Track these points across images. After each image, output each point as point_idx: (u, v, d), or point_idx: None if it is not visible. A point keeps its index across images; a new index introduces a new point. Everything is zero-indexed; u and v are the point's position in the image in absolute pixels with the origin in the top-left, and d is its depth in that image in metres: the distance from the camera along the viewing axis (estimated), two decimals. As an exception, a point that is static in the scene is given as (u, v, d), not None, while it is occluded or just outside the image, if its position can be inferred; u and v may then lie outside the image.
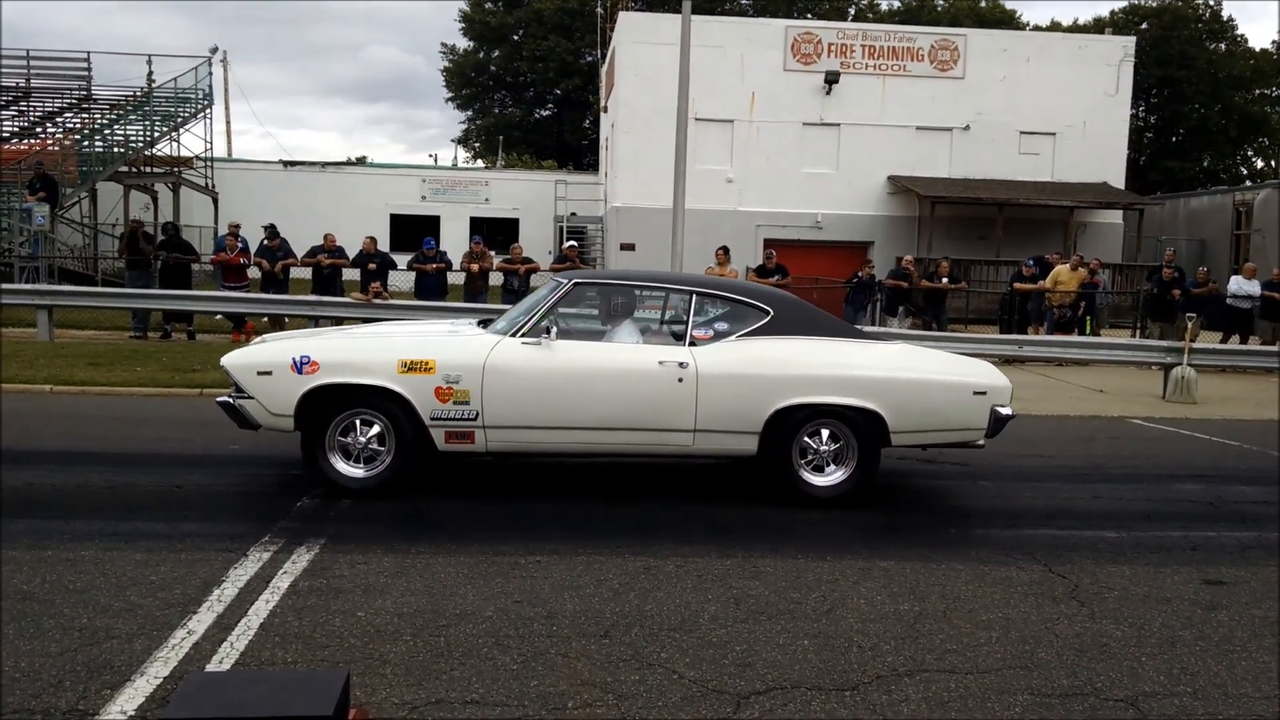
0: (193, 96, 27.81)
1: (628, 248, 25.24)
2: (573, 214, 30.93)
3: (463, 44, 49.24)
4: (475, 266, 16.07)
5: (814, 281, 19.85)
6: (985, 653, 4.16)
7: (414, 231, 27.83)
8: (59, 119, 26.92)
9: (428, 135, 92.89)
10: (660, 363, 6.21)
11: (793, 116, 25.67)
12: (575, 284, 6.64)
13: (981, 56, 25.96)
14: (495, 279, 16.68)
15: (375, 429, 6.19)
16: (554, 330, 6.26)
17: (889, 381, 6.33)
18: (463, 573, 4.88)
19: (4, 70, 28.26)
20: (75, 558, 4.84)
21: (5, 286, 15.59)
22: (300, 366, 6.12)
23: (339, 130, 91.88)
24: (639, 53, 25.20)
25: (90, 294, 15.78)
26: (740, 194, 25.73)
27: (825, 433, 6.37)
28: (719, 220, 24.35)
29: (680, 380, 6.17)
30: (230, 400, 6.36)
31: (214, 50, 32.02)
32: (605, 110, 31.58)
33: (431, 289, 15.94)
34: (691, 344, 6.37)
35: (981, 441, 6.59)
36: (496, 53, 48.41)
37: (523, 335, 6.27)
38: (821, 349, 6.49)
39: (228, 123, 48.44)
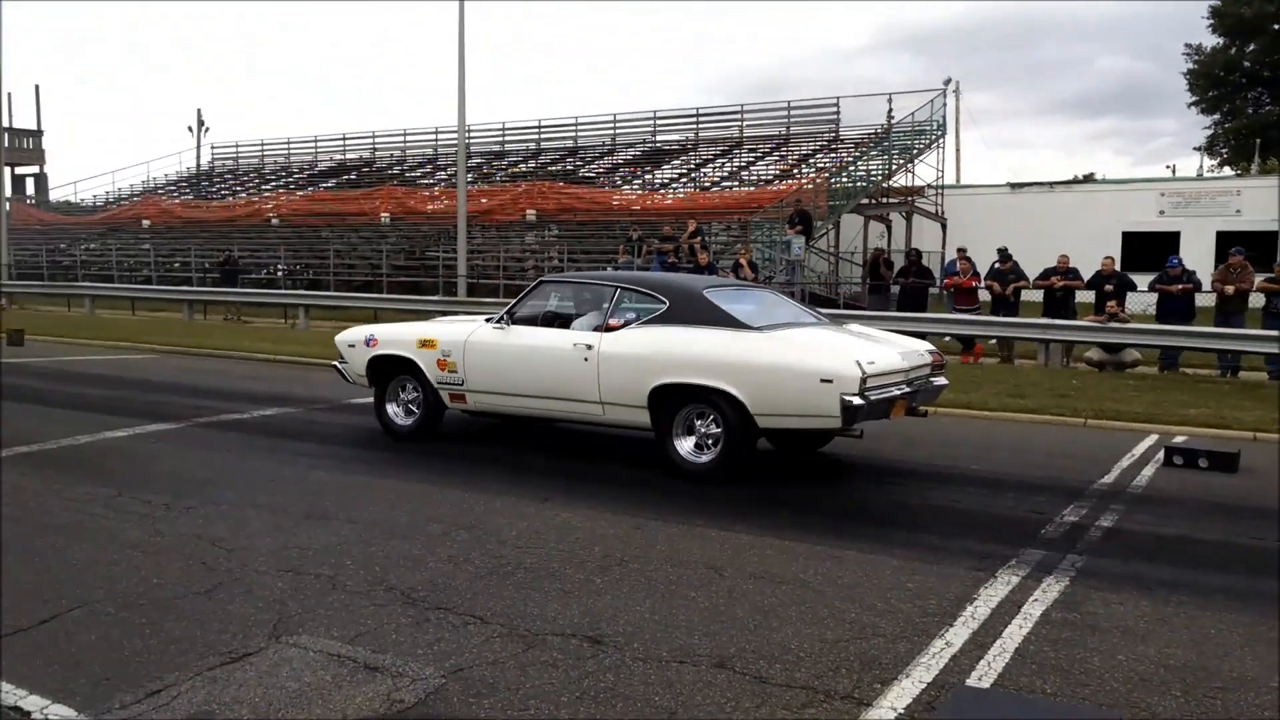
0: (927, 129, 29.24)
1: None
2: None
3: (1209, 42, 44.36)
4: (1230, 288, 14.28)
5: None
6: None
7: (1148, 249, 25.81)
8: (812, 160, 30.26)
9: (1159, 146, 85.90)
10: (574, 345, 7.42)
11: None
12: (541, 283, 8.40)
13: None
14: (1255, 300, 14.62)
15: (412, 387, 8.42)
16: (511, 318, 7.90)
17: (741, 365, 6.77)
18: (1238, 634, 4.32)
19: (713, 119, 32.81)
20: (842, 555, 5.33)
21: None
22: (368, 342, 8.56)
23: (1060, 149, 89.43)
24: None
25: (838, 316, 17.40)
26: None
27: (706, 414, 6.98)
28: None
29: (586, 359, 7.31)
30: (338, 366, 9.00)
31: (947, 82, 33.34)
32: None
33: (1176, 311, 14.54)
34: (606, 330, 7.40)
35: (858, 430, 7.08)
36: (1252, 46, 42.68)
37: (494, 322, 7.98)
38: (698, 336, 7.02)
39: (957, 150, 49.87)
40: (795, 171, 29.48)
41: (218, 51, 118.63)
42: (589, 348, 7.32)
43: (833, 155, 29.91)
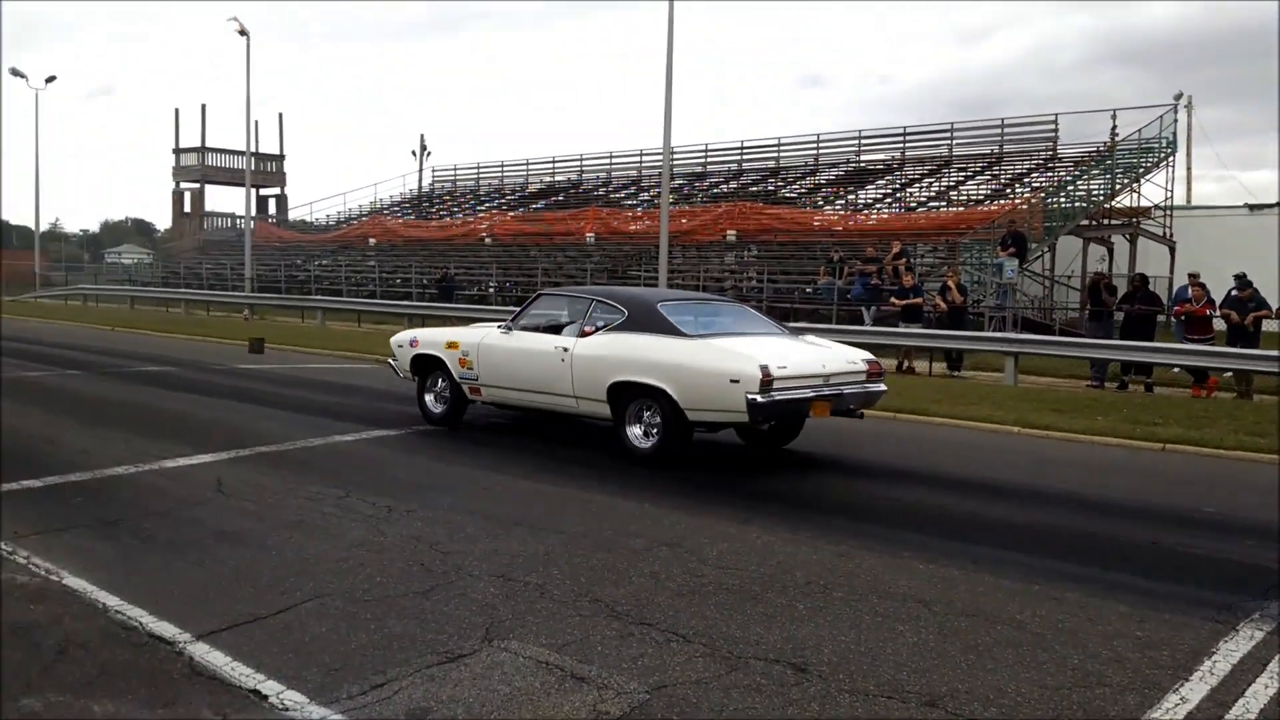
0: (1156, 146, 27.46)
1: None
2: None
3: None
4: None
5: None
6: None
7: None
8: (1027, 179, 28.95)
9: None
10: (554, 347, 8.70)
11: None
12: (539, 295, 10.06)
13: None
14: None
15: (442, 381, 9.81)
16: (514, 325, 9.26)
17: (672, 367, 7.84)
18: None
19: (920, 138, 31.76)
20: (1061, 597, 5.03)
21: (976, 334, 17.28)
22: (411, 343, 10.12)
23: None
24: None
25: (1054, 343, 16.53)
26: None
27: (651, 407, 8.05)
28: None
29: (563, 360, 8.56)
30: (390, 362, 10.62)
31: (1178, 96, 31.16)
32: None
33: None
34: (581, 335, 8.64)
35: (765, 425, 8.41)
36: None
37: (502, 327, 9.31)
38: (644, 342, 8.15)
39: (1188, 169, 46.52)
40: (1008, 191, 28.26)
41: (441, 81, 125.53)
42: (565, 350, 8.63)
43: (1049, 174, 28.51)
